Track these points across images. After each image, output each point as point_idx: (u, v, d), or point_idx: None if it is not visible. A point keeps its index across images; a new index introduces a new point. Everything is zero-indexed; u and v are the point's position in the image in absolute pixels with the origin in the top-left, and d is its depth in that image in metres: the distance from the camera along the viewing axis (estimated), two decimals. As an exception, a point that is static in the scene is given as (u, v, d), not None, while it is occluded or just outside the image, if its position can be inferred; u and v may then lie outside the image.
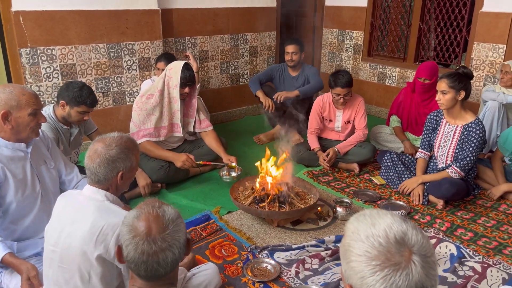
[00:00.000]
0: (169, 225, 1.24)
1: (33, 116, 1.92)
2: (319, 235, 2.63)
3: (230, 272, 2.27)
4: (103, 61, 3.84)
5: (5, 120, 1.87)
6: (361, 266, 0.92)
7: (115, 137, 1.67)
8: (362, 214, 1.02)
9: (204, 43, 4.61)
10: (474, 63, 4.27)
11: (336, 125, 3.70)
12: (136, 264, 1.22)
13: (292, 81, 4.36)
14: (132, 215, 1.27)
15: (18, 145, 1.97)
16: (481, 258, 2.38)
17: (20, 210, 2.01)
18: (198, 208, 2.94)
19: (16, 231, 2.03)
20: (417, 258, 0.90)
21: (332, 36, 5.65)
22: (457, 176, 2.93)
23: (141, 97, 3.19)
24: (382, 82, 5.17)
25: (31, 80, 3.50)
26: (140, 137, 3.13)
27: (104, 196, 1.64)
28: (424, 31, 4.78)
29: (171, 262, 1.23)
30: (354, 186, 3.36)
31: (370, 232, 0.94)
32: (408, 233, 0.94)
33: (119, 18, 3.81)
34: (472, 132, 2.89)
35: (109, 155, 1.61)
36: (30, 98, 1.91)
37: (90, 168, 1.62)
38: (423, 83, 3.70)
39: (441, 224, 2.77)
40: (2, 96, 1.85)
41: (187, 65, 3.15)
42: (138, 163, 1.75)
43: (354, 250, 0.94)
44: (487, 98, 3.71)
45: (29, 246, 2.04)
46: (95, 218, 1.54)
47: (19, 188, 1.97)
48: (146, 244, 1.20)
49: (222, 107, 5.00)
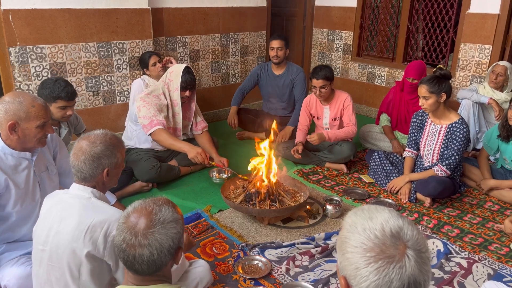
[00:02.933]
0: (155, 225, 1.24)
1: (40, 128, 1.89)
2: (309, 233, 2.67)
3: (221, 269, 2.30)
4: (93, 60, 3.83)
5: (12, 130, 1.84)
6: (356, 257, 0.94)
7: (99, 134, 1.67)
8: (361, 208, 1.05)
9: (195, 42, 4.62)
10: (461, 63, 4.35)
11: (324, 121, 3.71)
12: (117, 250, 1.26)
13: (276, 80, 4.25)
14: (135, 204, 1.31)
15: (24, 154, 1.95)
16: (467, 254, 2.43)
17: (19, 220, 2.00)
18: (189, 206, 2.96)
19: (12, 237, 2.03)
20: (411, 252, 0.93)
21: (322, 36, 5.70)
22: (443, 174, 2.99)
23: (146, 95, 3.14)
24: (371, 82, 5.23)
25: (20, 79, 3.47)
26: (153, 125, 3.04)
27: (91, 193, 1.64)
28: (412, 32, 4.85)
29: (147, 261, 1.22)
30: (344, 184, 3.40)
31: (367, 225, 0.97)
32: (404, 228, 0.96)
33: (109, 17, 3.80)
34: (457, 132, 2.95)
35: (94, 152, 1.61)
36: (40, 110, 1.87)
37: (76, 165, 1.62)
38: (411, 83, 3.75)
39: (429, 221, 2.83)
40: (11, 106, 1.82)
41: (188, 68, 3.15)
42: (124, 159, 1.75)
43: (351, 242, 0.97)
44: (461, 97, 3.80)
45: (20, 246, 2.04)
46: (82, 215, 1.55)
47: (19, 199, 1.95)
48: (128, 234, 1.23)
49: (213, 106, 5.01)
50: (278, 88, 4.26)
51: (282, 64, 4.22)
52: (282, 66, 4.23)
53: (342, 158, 3.57)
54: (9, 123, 1.82)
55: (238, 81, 5.13)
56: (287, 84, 4.23)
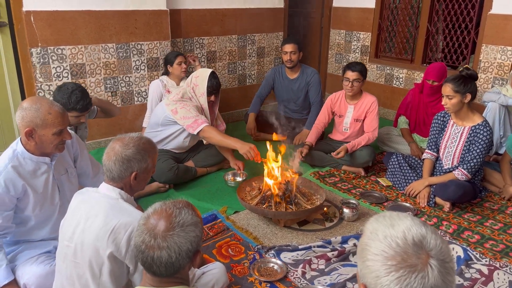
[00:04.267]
0: (175, 228, 1.24)
1: (57, 135, 1.91)
2: (325, 236, 2.64)
3: (237, 271, 2.29)
4: (112, 61, 3.87)
5: (29, 136, 1.87)
6: (377, 265, 0.92)
7: (134, 137, 1.70)
8: (382, 215, 1.02)
9: (212, 43, 4.64)
10: (482, 65, 4.26)
11: (346, 121, 3.65)
12: (136, 251, 1.26)
13: (291, 84, 4.22)
14: (156, 205, 1.31)
15: (43, 159, 1.98)
16: (488, 261, 2.37)
17: (38, 223, 2.03)
18: (205, 207, 2.96)
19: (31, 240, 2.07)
20: (435, 262, 0.90)
21: (339, 37, 5.65)
22: (464, 178, 2.93)
23: (181, 98, 3.13)
24: (389, 83, 5.17)
25: (41, 79, 3.54)
26: (200, 124, 3.01)
27: (119, 194, 1.67)
28: (432, 33, 4.77)
29: (165, 263, 1.23)
30: (361, 187, 3.36)
31: (388, 233, 0.95)
32: (427, 236, 0.93)
33: (128, 18, 3.85)
34: (480, 134, 2.88)
35: (125, 154, 1.64)
36: (56, 117, 1.87)
37: (106, 164, 1.66)
38: (431, 85, 3.69)
39: (448, 226, 2.77)
40: (28, 113, 1.84)
41: (214, 73, 3.15)
42: (155, 165, 1.77)
43: (371, 249, 0.95)
44: (488, 99, 3.71)
45: (38, 245, 2.07)
46: (108, 216, 1.57)
47: (38, 203, 1.98)
48: (147, 236, 1.24)
49: (229, 108, 5.03)
50: (293, 92, 4.24)
51: (296, 68, 4.18)
52: (296, 70, 4.20)
53: (361, 163, 3.53)
54: (25, 129, 1.84)
55: (255, 82, 5.13)
56: (302, 88, 4.20)
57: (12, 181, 1.88)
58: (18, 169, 1.90)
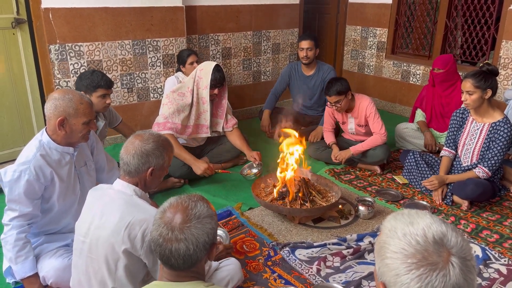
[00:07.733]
0: (192, 220, 1.26)
1: (86, 125, 1.97)
2: (340, 233, 2.63)
3: (251, 267, 2.30)
4: (128, 57, 3.91)
5: (61, 126, 1.92)
6: (396, 263, 0.90)
7: (153, 133, 1.74)
8: (400, 213, 1.01)
9: (227, 40, 4.63)
10: (502, 61, 4.17)
11: (349, 127, 3.65)
12: (154, 245, 1.27)
13: (307, 81, 4.20)
14: (171, 200, 1.33)
15: (67, 149, 2.03)
16: (506, 261, 2.33)
17: (60, 212, 2.08)
18: (220, 203, 2.97)
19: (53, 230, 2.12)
20: (456, 260, 0.88)
21: (355, 33, 5.60)
22: (485, 176, 2.87)
23: (172, 92, 3.17)
24: (406, 80, 5.10)
25: (59, 75, 3.59)
26: (165, 128, 3.08)
27: (133, 191, 1.68)
28: (450, 29, 4.68)
29: (183, 256, 1.23)
30: (377, 185, 3.33)
31: (407, 230, 0.93)
32: (447, 234, 0.92)
33: (144, 15, 3.87)
34: (500, 131, 2.82)
35: (144, 149, 1.67)
36: (87, 107, 1.96)
37: (124, 158, 1.68)
38: (436, 72, 3.75)
39: (466, 225, 2.73)
40: (62, 102, 1.90)
41: (218, 66, 3.15)
42: (170, 164, 1.79)
43: (390, 247, 0.93)
44: (510, 96, 3.63)
45: (58, 238, 2.12)
46: (123, 212, 1.59)
47: (62, 192, 2.04)
48: (165, 229, 1.25)
49: (244, 104, 5.02)
50: (309, 89, 4.21)
51: (312, 64, 4.15)
52: (312, 66, 4.17)
53: (375, 161, 3.50)
54: (58, 118, 1.90)
55: (269, 78, 5.11)
56: (317, 85, 4.18)
57: (41, 169, 1.93)
58: (46, 157, 1.96)
